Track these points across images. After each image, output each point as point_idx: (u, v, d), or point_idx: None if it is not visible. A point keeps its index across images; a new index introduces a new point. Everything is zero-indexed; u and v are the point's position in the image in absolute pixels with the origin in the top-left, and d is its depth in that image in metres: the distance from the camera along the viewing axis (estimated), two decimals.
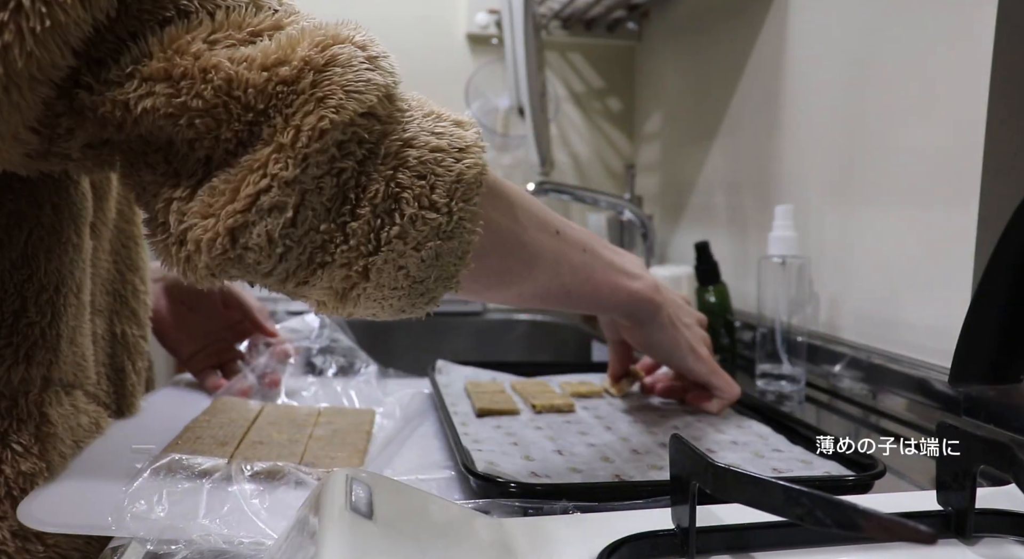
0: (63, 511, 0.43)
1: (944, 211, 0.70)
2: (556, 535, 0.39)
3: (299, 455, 0.52)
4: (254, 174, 0.36)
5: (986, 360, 0.48)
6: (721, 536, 0.38)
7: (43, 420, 0.47)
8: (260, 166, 0.36)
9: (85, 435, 0.51)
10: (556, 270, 0.52)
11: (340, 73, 0.36)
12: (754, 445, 0.58)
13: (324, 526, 0.30)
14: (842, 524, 0.30)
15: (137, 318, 0.60)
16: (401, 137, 0.39)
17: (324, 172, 0.37)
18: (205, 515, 0.42)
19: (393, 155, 0.39)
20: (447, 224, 0.40)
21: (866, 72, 0.81)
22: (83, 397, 0.52)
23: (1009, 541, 0.39)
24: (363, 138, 0.38)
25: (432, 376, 0.76)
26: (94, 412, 0.53)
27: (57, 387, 0.49)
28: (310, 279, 0.39)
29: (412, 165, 0.39)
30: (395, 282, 0.40)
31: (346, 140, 0.37)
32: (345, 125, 0.36)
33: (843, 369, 0.82)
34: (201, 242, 0.36)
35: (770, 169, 1.01)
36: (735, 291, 1.04)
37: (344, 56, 0.37)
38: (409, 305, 0.42)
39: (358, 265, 0.39)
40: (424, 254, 0.40)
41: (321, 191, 0.37)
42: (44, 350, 0.48)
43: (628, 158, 1.53)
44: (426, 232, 0.39)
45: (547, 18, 1.42)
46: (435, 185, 0.39)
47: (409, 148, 0.39)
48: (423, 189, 0.39)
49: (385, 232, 0.38)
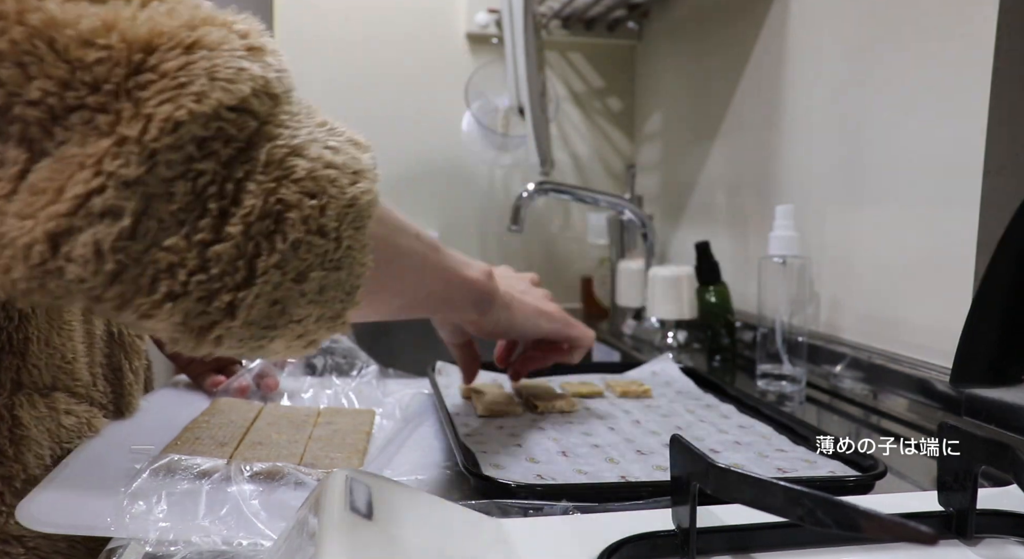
0: (62, 512, 0.42)
1: (945, 211, 0.70)
2: (556, 536, 0.39)
3: (298, 456, 0.52)
4: (85, 171, 0.29)
5: (987, 360, 0.48)
6: (722, 537, 0.38)
7: (15, 423, 0.47)
8: (94, 162, 0.29)
9: (71, 436, 0.51)
10: (421, 275, 0.48)
11: (207, 56, 0.31)
12: (757, 445, 0.57)
13: (323, 527, 0.30)
14: (843, 525, 0.30)
15: None
16: (288, 144, 0.33)
17: (177, 174, 0.30)
18: (204, 516, 0.42)
19: (276, 164, 0.33)
20: (334, 251, 0.34)
21: (867, 72, 0.81)
22: (66, 398, 0.51)
23: (1010, 542, 0.39)
24: (231, 135, 0.31)
25: (432, 377, 0.75)
26: (84, 412, 0.52)
27: (29, 390, 0.48)
28: (155, 312, 0.32)
29: (300, 178, 0.33)
30: (268, 321, 0.34)
31: (208, 137, 0.31)
32: (208, 118, 0.30)
33: (844, 369, 0.81)
34: (17, 248, 0.30)
35: (771, 169, 1.01)
36: (736, 291, 1.04)
37: (214, 38, 0.31)
38: (284, 348, 0.36)
39: (220, 300, 0.32)
40: (306, 287, 0.34)
41: (171, 198, 0.30)
42: (11, 355, 0.47)
43: (628, 158, 1.53)
44: (310, 260, 0.33)
45: (547, 17, 1.42)
46: (326, 206, 0.34)
47: (297, 158, 0.33)
48: (312, 210, 0.33)
49: (262, 260, 0.32)
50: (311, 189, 0.33)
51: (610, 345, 1.18)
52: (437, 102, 1.44)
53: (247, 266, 0.32)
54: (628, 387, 0.74)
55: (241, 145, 0.32)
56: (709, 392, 0.75)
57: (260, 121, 0.33)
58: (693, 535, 0.36)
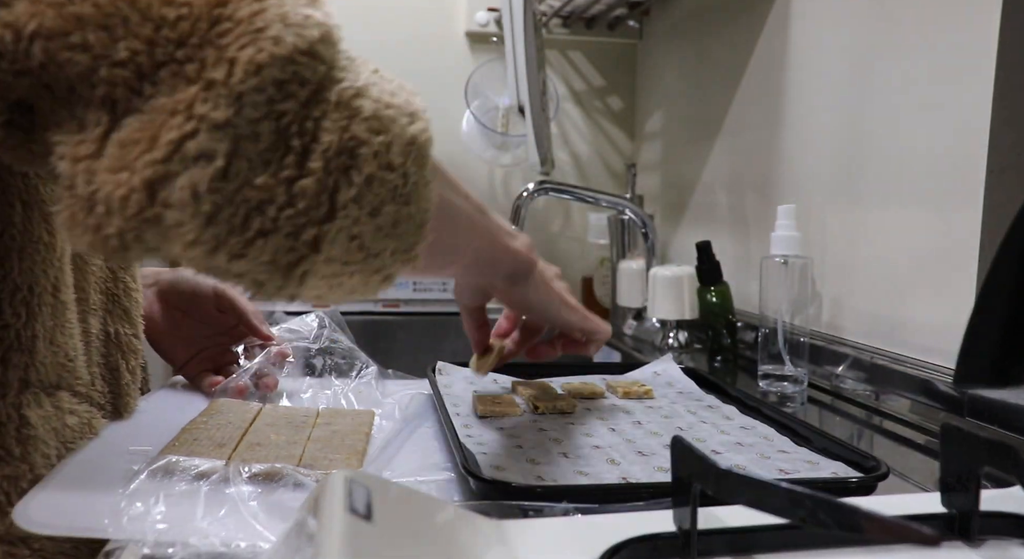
0: (60, 514, 0.42)
1: (947, 211, 0.70)
2: (556, 537, 0.38)
3: (297, 457, 0.52)
4: (177, 117, 0.30)
5: (990, 361, 0.48)
6: (723, 538, 0.38)
7: (23, 422, 0.46)
8: (185, 107, 0.30)
9: (75, 436, 0.51)
10: (469, 234, 0.49)
11: (277, 4, 0.32)
12: (759, 446, 0.57)
13: (323, 528, 0.29)
14: (845, 526, 0.30)
15: (129, 317, 0.59)
16: (354, 85, 0.35)
17: (261, 115, 0.32)
18: (202, 517, 0.41)
19: (345, 104, 0.34)
20: (403, 186, 0.36)
21: (869, 71, 0.81)
22: (69, 398, 0.51)
23: (1014, 543, 0.39)
24: (305, 78, 0.33)
25: (432, 377, 0.75)
26: (85, 412, 0.52)
27: (36, 389, 0.48)
28: (247, 251, 0.33)
29: (367, 117, 0.34)
30: (348, 255, 0.35)
31: (286, 80, 0.32)
32: (285, 61, 0.32)
33: (846, 370, 0.81)
34: (113, 201, 0.30)
35: (772, 168, 1.00)
36: (737, 291, 1.04)
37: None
38: (362, 284, 0.37)
39: (307, 234, 0.33)
40: (381, 221, 0.35)
41: (258, 138, 0.32)
42: (20, 352, 0.47)
43: (629, 157, 1.53)
44: (383, 195, 0.35)
45: (547, 16, 1.42)
46: (391, 143, 0.35)
47: (363, 98, 0.35)
48: (381, 146, 0.35)
49: (341, 194, 0.33)
50: (377, 127, 0.35)
51: (611, 345, 1.18)
52: (437, 101, 1.44)
53: (329, 200, 0.33)
54: (630, 388, 0.74)
55: (314, 87, 0.33)
56: (711, 393, 0.74)
57: (327, 66, 0.34)
58: (694, 537, 0.36)
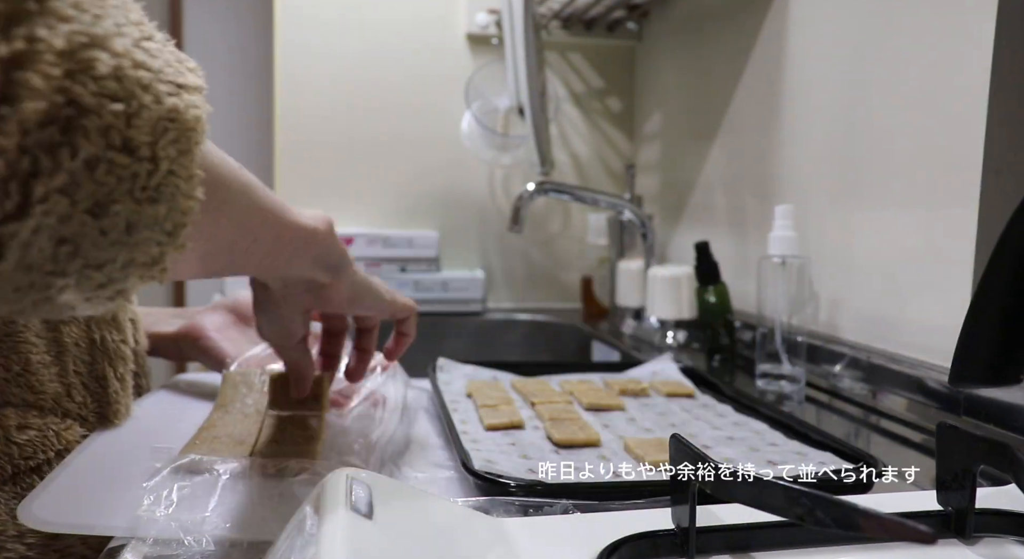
0: (63, 511, 0.43)
1: (944, 211, 0.70)
2: (556, 535, 0.39)
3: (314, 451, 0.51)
4: None
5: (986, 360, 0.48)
6: (721, 536, 0.38)
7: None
8: None
9: (29, 451, 0.48)
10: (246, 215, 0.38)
11: None
12: (750, 440, 0.58)
13: (324, 526, 0.30)
14: (842, 524, 0.30)
15: (116, 323, 0.57)
16: (88, 31, 0.25)
17: None
18: (206, 514, 0.42)
19: (68, 56, 0.24)
20: (147, 177, 0.27)
21: (866, 71, 0.81)
22: (18, 413, 0.49)
23: (1009, 541, 0.39)
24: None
25: (432, 376, 0.76)
26: (53, 424, 0.51)
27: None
28: None
29: (102, 76, 0.25)
30: (55, 263, 0.26)
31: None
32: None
33: (843, 369, 0.82)
34: None
35: (770, 169, 1.01)
36: (735, 291, 1.04)
37: None
38: (81, 300, 0.28)
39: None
40: (106, 223, 0.26)
41: None
42: None
43: (628, 158, 1.53)
44: (110, 187, 0.26)
45: (547, 18, 1.42)
46: (135, 115, 0.26)
47: (98, 50, 0.25)
48: (116, 118, 0.25)
49: (40, 182, 0.24)
50: (114, 91, 0.25)
51: (610, 345, 1.18)
52: (437, 102, 1.44)
53: (21, 190, 0.24)
54: (627, 386, 0.74)
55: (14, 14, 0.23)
56: (708, 392, 0.75)
57: None
58: (693, 534, 0.36)
